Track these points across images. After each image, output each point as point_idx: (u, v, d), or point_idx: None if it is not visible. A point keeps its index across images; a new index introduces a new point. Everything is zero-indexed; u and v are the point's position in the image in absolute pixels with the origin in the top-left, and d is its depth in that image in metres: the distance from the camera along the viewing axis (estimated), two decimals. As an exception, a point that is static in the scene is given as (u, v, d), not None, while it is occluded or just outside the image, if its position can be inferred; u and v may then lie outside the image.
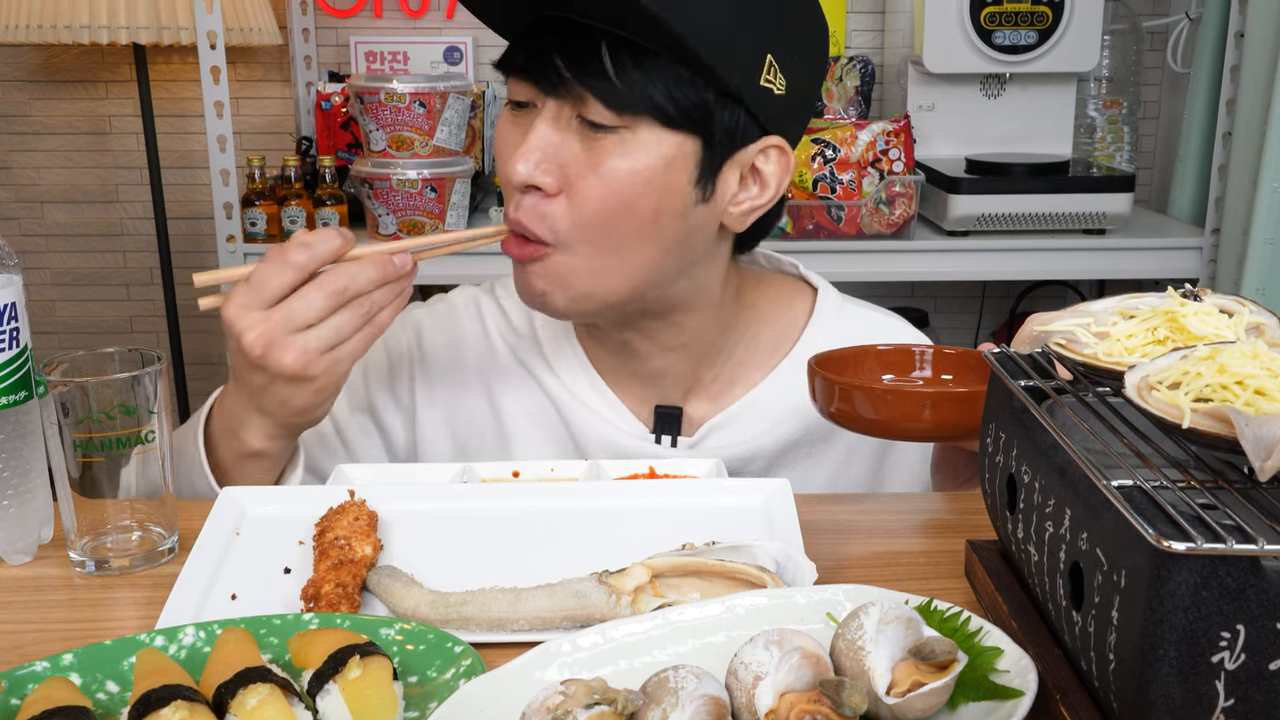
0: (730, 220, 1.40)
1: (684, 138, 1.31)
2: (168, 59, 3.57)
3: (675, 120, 1.30)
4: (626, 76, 1.27)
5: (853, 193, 2.95)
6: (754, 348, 1.55)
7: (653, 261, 1.37)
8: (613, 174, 1.30)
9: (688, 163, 1.33)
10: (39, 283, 3.74)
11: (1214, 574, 0.72)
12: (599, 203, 1.31)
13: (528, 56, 1.32)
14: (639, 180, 1.31)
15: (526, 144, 1.32)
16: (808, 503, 1.30)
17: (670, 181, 1.32)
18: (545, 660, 0.93)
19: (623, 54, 1.27)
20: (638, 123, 1.30)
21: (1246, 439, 0.75)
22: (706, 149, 1.33)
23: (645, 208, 1.32)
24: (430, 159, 2.88)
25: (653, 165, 1.31)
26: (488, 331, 1.58)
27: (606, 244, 1.34)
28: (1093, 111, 3.40)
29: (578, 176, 1.31)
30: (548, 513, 1.23)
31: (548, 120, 1.32)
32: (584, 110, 1.30)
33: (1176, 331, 0.94)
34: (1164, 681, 0.74)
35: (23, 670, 0.95)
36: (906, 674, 0.86)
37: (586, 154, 1.31)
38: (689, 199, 1.35)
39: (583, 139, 1.32)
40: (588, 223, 1.32)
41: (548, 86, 1.31)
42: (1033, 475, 0.95)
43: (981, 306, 3.81)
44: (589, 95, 1.28)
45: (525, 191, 1.33)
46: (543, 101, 1.32)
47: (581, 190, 1.31)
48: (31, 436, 1.19)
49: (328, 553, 1.11)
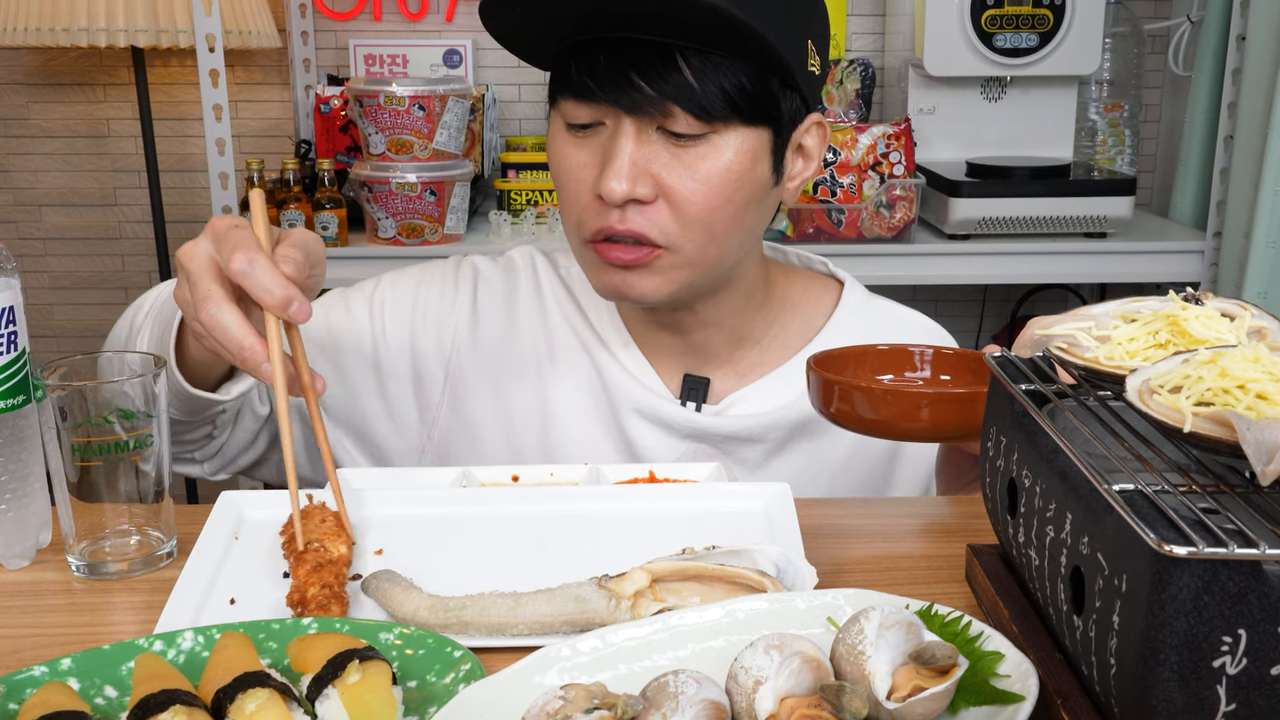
0: (787, 196, 1.51)
1: (760, 130, 1.39)
2: (166, 62, 3.56)
3: (753, 116, 1.37)
4: (707, 84, 1.33)
5: (853, 196, 2.94)
6: (782, 334, 1.62)
7: (739, 245, 1.47)
8: (709, 176, 1.38)
9: (766, 152, 1.41)
10: (37, 286, 3.74)
11: (1215, 578, 0.72)
12: (702, 202, 1.39)
13: (600, 79, 1.35)
14: (732, 177, 1.39)
15: (616, 163, 1.36)
16: (808, 507, 1.30)
17: (757, 173, 1.41)
18: (545, 665, 0.93)
19: (695, 61, 1.33)
20: (721, 125, 1.36)
21: (1248, 443, 0.74)
22: (777, 136, 1.42)
23: (740, 200, 1.41)
24: (430, 162, 2.88)
25: (742, 160, 1.39)
26: (540, 288, 1.65)
27: (709, 239, 1.42)
28: (1094, 115, 3.40)
29: (675, 182, 1.38)
30: (547, 517, 1.23)
31: (630, 136, 1.37)
32: (668, 123, 1.36)
33: (1178, 335, 0.94)
34: (1165, 686, 0.74)
35: (21, 675, 0.95)
36: (907, 679, 0.86)
37: (676, 160, 1.38)
38: (769, 184, 1.44)
39: (668, 147, 1.38)
40: (692, 224, 1.40)
41: (629, 106, 1.35)
42: (1034, 479, 0.94)
43: (982, 310, 3.81)
44: (676, 110, 1.34)
45: (623, 206, 1.38)
46: (617, 118, 1.37)
47: (681, 194, 1.38)
48: (29, 441, 1.18)
49: (304, 558, 1.11)
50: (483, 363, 1.62)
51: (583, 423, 1.58)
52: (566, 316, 1.62)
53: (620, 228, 1.39)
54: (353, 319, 1.62)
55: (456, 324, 1.63)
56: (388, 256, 2.95)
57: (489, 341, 1.62)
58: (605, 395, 1.58)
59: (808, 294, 1.65)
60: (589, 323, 1.61)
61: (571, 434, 1.58)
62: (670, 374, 1.59)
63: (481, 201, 3.35)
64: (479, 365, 1.61)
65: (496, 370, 1.61)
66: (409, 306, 1.63)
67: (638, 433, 1.56)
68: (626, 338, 1.60)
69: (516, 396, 1.60)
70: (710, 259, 1.44)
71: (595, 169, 1.39)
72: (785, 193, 1.49)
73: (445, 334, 1.62)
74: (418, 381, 1.62)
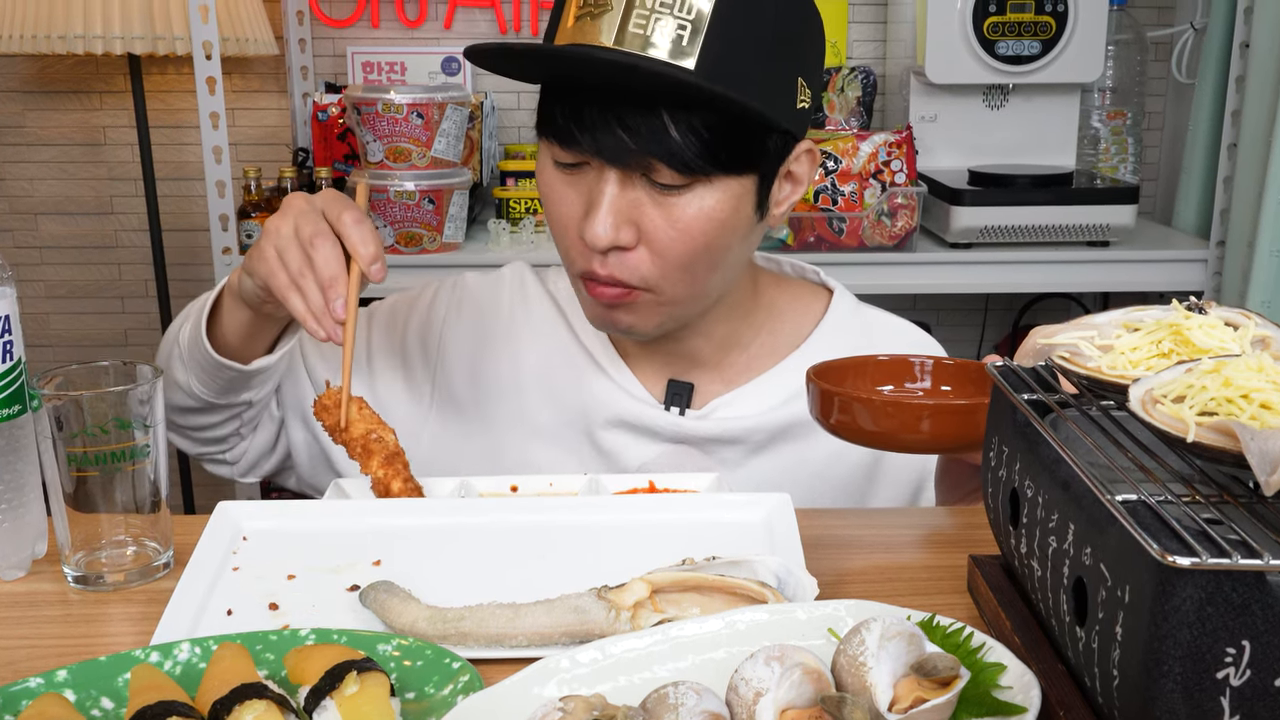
0: (773, 220, 1.51)
1: (744, 177, 1.40)
2: (163, 69, 3.56)
3: (736, 167, 1.38)
4: (688, 137, 1.34)
5: (854, 204, 2.94)
6: (769, 340, 1.63)
7: (723, 280, 1.49)
8: (689, 225, 1.39)
9: (749, 196, 1.42)
10: (33, 295, 3.73)
11: (1219, 589, 0.72)
12: (681, 250, 1.40)
13: (583, 126, 1.36)
14: (713, 225, 1.40)
15: (601, 210, 1.38)
16: (809, 517, 1.29)
17: (739, 218, 1.42)
18: (544, 676, 0.92)
19: (682, 116, 1.33)
20: (703, 176, 1.37)
21: (1252, 453, 0.74)
22: (762, 180, 1.43)
23: (721, 245, 1.42)
24: (428, 170, 2.88)
25: (723, 208, 1.40)
26: (527, 299, 1.68)
27: (690, 280, 1.44)
28: (1097, 122, 3.39)
29: (655, 230, 1.39)
30: (546, 527, 1.23)
31: (614, 183, 1.38)
32: (651, 174, 1.37)
33: (1181, 345, 0.94)
34: (1168, 698, 0.74)
35: (16, 686, 0.95)
36: (908, 690, 0.85)
37: (659, 209, 1.39)
38: (753, 222, 1.46)
39: (651, 196, 1.39)
40: (672, 269, 1.42)
41: (611, 156, 1.37)
42: (1036, 489, 0.94)
43: (984, 319, 3.80)
44: (658, 164, 1.35)
45: (605, 251, 1.41)
46: (600, 164, 1.38)
47: (661, 242, 1.40)
48: (25, 450, 1.18)
49: (370, 449, 1.15)
50: (465, 376, 1.65)
51: (558, 440, 1.60)
52: (553, 331, 1.64)
53: (602, 273, 1.42)
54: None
55: (442, 335, 1.67)
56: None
57: (470, 357, 1.65)
58: (582, 414, 1.60)
59: (797, 301, 1.67)
60: (575, 336, 1.63)
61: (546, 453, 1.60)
62: (655, 380, 1.61)
63: (480, 210, 3.35)
64: (463, 377, 1.65)
65: (478, 384, 1.65)
66: (403, 318, 1.70)
67: (612, 442, 1.58)
68: (612, 350, 1.62)
69: (498, 410, 1.64)
70: (694, 295, 1.47)
71: (580, 209, 1.41)
72: (772, 219, 1.50)
73: (431, 344, 1.67)
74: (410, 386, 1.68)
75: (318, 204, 1.39)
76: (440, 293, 1.71)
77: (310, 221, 1.37)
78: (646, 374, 1.61)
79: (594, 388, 1.59)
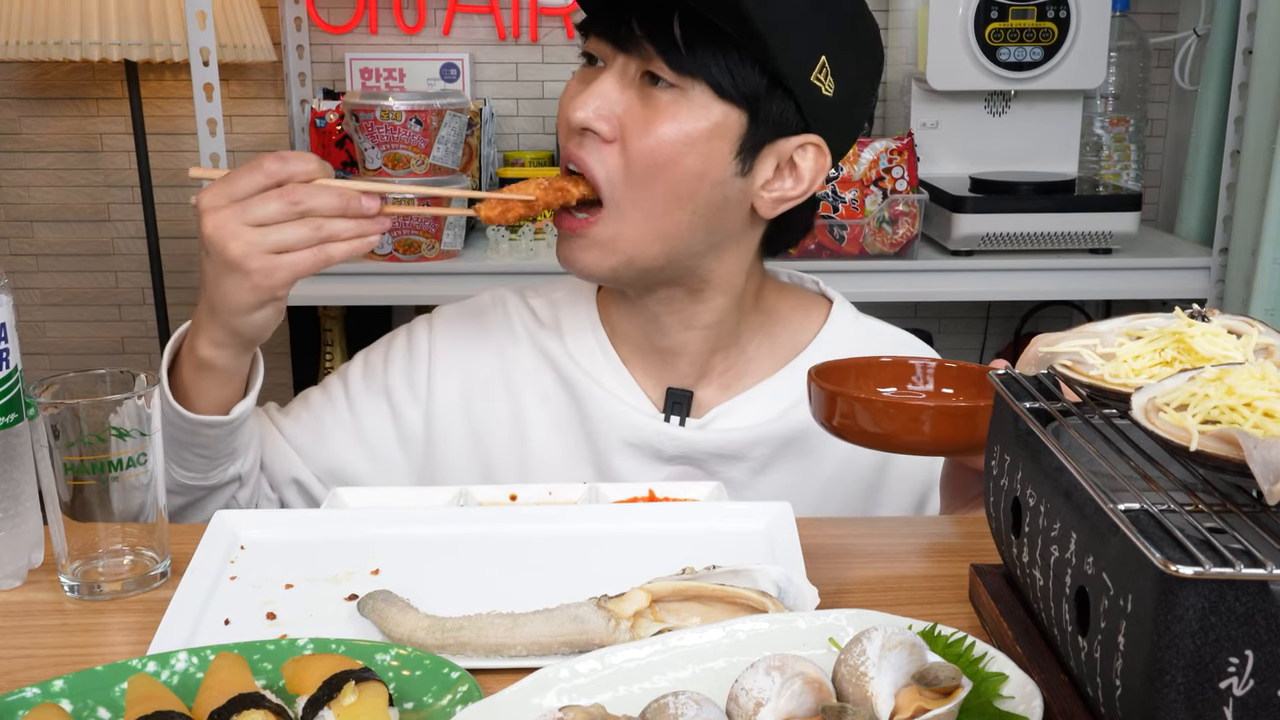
0: (762, 205, 1.49)
1: (731, 108, 1.42)
2: (160, 76, 3.55)
3: (727, 92, 1.41)
4: (691, 45, 1.39)
5: (855, 212, 2.94)
6: (768, 346, 1.63)
7: (687, 226, 1.46)
8: (663, 133, 1.42)
9: (731, 132, 1.43)
10: (29, 303, 3.72)
11: (1222, 599, 0.71)
12: (648, 157, 1.42)
13: (605, 16, 1.45)
14: (685, 141, 1.42)
15: (588, 92, 1.44)
16: (809, 526, 1.29)
17: (713, 147, 1.43)
18: (543, 686, 0.92)
19: (691, 26, 1.39)
20: (693, 86, 1.41)
21: (1255, 461, 0.74)
22: (750, 125, 1.44)
23: (688, 167, 1.43)
24: (426, 177, 2.87)
25: (700, 129, 1.42)
26: (511, 321, 1.67)
27: (650, 203, 1.44)
28: (1099, 129, 3.39)
29: (631, 130, 1.43)
30: (546, 537, 1.23)
31: (613, 74, 1.45)
32: (649, 66, 1.42)
33: (1184, 353, 0.93)
34: (1172, 708, 0.73)
35: (13, 696, 0.94)
36: (910, 700, 0.85)
37: (642, 110, 1.43)
38: (728, 169, 1.45)
39: (641, 96, 1.43)
40: (635, 176, 1.43)
41: (619, 42, 1.43)
42: (1038, 498, 0.94)
43: (986, 327, 3.80)
44: (654, 53, 1.40)
45: (582, 134, 1.45)
46: (612, 58, 1.45)
47: (633, 143, 1.43)
48: (22, 459, 1.18)
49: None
50: (459, 417, 1.65)
51: (562, 459, 1.60)
52: (541, 346, 1.64)
53: (576, 152, 1.46)
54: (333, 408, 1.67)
55: (430, 376, 1.66)
56: (383, 273, 2.94)
57: (460, 399, 1.65)
58: (583, 429, 1.60)
59: (797, 309, 1.67)
60: (565, 347, 1.63)
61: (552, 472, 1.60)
62: (653, 387, 1.61)
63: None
64: (450, 405, 1.65)
65: (474, 425, 1.64)
66: (380, 368, 1.68)
67: (617, 470, 1.58)
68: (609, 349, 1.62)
69: (493, 435, 1.63)
70: (651, 234, 1.46)
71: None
72: (760, 201, 1.49)
73: (419, 387, 1.66)
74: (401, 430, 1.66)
75: (221, 199, 1.36)
76: (416, 333, 1.69)
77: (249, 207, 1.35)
78: (644, 381, 1.61)
79: (592, 406, 1.58)
